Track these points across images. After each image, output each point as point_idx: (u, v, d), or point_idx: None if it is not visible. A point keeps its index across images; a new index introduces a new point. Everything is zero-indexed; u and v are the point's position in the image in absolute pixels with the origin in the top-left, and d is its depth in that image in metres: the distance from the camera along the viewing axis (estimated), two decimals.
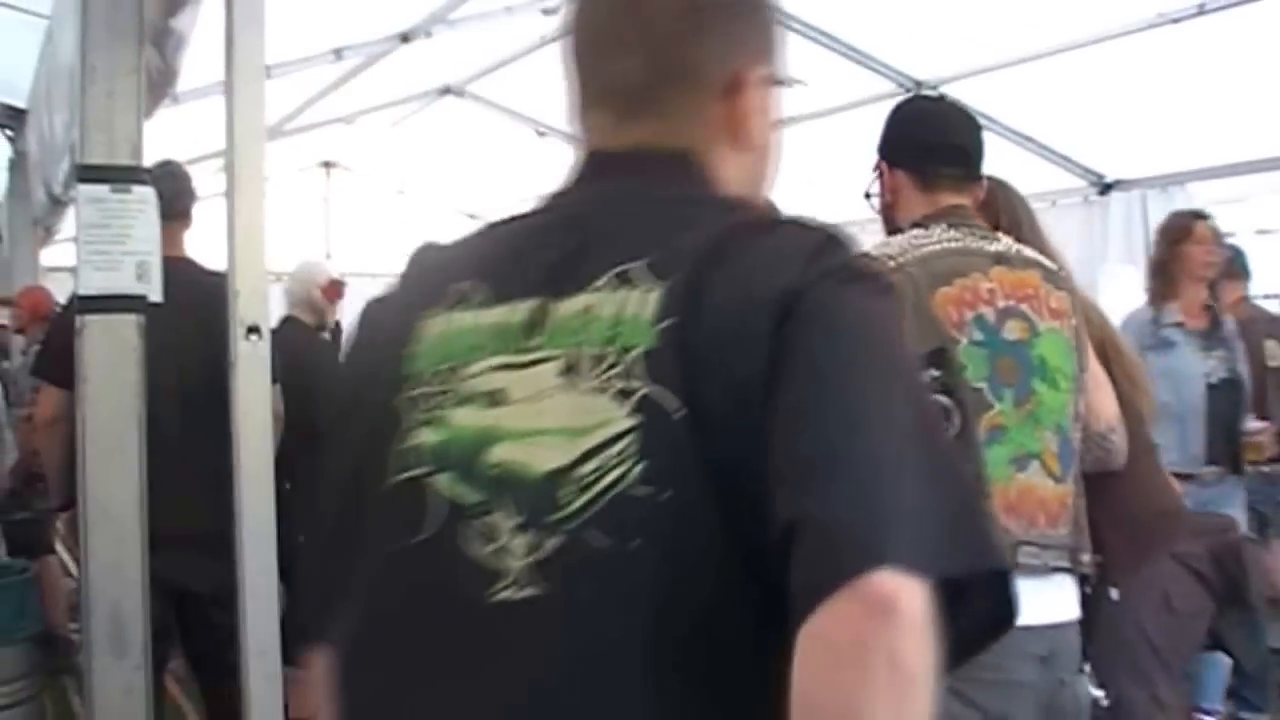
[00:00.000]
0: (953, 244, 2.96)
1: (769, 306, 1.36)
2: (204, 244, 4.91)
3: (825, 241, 1.46)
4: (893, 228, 3.17)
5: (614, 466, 1.36)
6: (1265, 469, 7.08)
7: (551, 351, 1.45)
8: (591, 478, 1.37)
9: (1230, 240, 8.66)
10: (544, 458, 1.40)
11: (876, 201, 3.25)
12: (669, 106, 1.63)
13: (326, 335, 7.37)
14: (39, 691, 4.93)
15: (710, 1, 1.66)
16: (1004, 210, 3.61)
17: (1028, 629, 2.78)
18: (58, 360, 4.42)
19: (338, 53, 8.70)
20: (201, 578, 4.52)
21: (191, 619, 4.74)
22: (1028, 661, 2.80)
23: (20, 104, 8.53)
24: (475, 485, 1.44)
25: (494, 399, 1.46)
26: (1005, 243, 3.07)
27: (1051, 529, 2.88)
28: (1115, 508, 3.18)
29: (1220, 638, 4.04)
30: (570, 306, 1.46)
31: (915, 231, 3.01)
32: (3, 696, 4.64)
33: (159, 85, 4.52)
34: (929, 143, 3.16)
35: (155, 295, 4.06)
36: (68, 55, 4.70)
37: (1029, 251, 3.11)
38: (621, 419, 1.38)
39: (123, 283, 4.01)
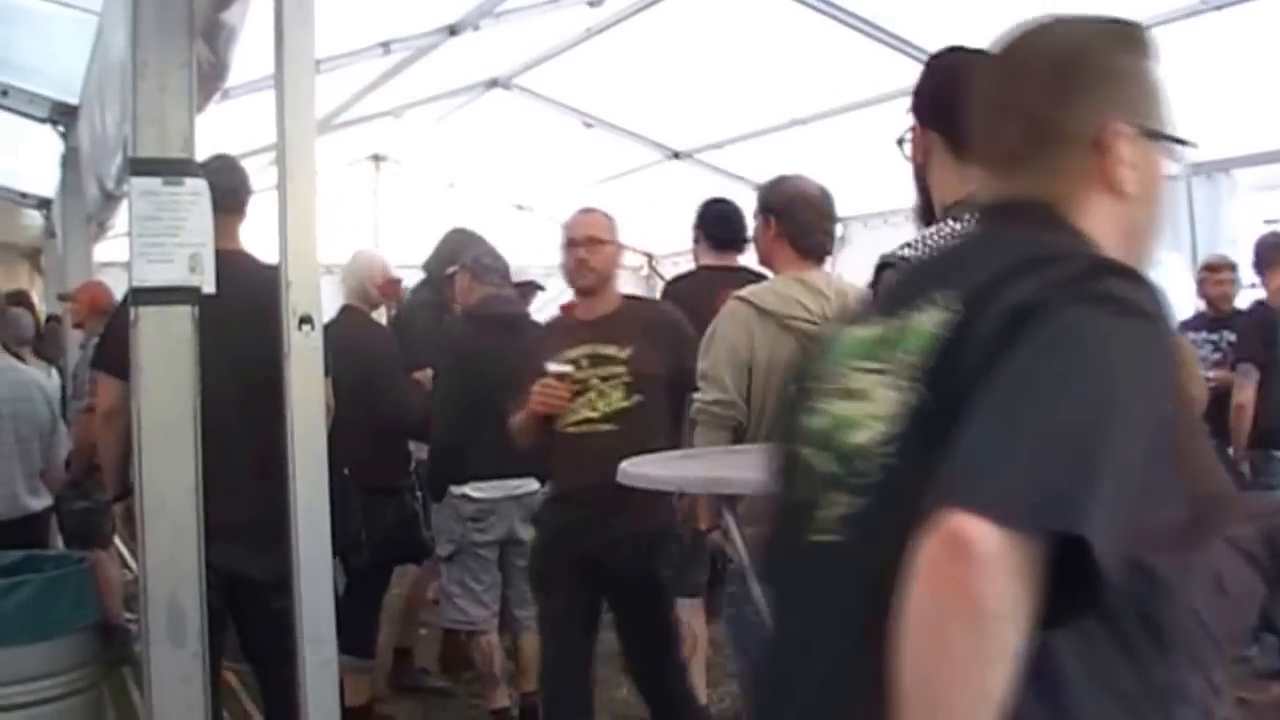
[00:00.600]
0: None
1: (1009, 314, 1.61)
2: (256, 237, 4.95)
3: (1085, 268, 1.69)
4: (923, 190, 3.07)
5: (885, 447, 1.73)
6: None
7: (885, 358, 1.80)
8: (878, 455, 1.74)
9: (1273, 226, 8.64)
10: (861, 437, 1.78)
11: (907, 149, 3.18)
12: (1041, 164, 1.91)
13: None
14: (97, 681, 4.98)
15: (1078, 67, 1.92)
16: None
17: None
18: (116, 352, 4.46)
19: (385, 46, 8.72)
20: (257, 566, 4.57)
21: (248, 607, 4.79)
22: None
23: (72, 100, 8.59)
24: (828, 460, 1.83)
25: (853, 395, 1.83)
26: None
27: None
28: None
29: (1271, 619, 4.02)
30: (900, 322, 1.81)
31: (950, 225, 2.87)
32: (61, 686, 4.69)
33: (210, 79, 4.56)
34: (965, 107, 3.08)
35: (208, 286, 4.10)
36: (119, 51, 4.74)
37: None
38: (896, 411, 1.73)
39: (176, 275, 4.05)
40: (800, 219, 4.58)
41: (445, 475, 6.47)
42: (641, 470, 3.92)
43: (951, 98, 3.08)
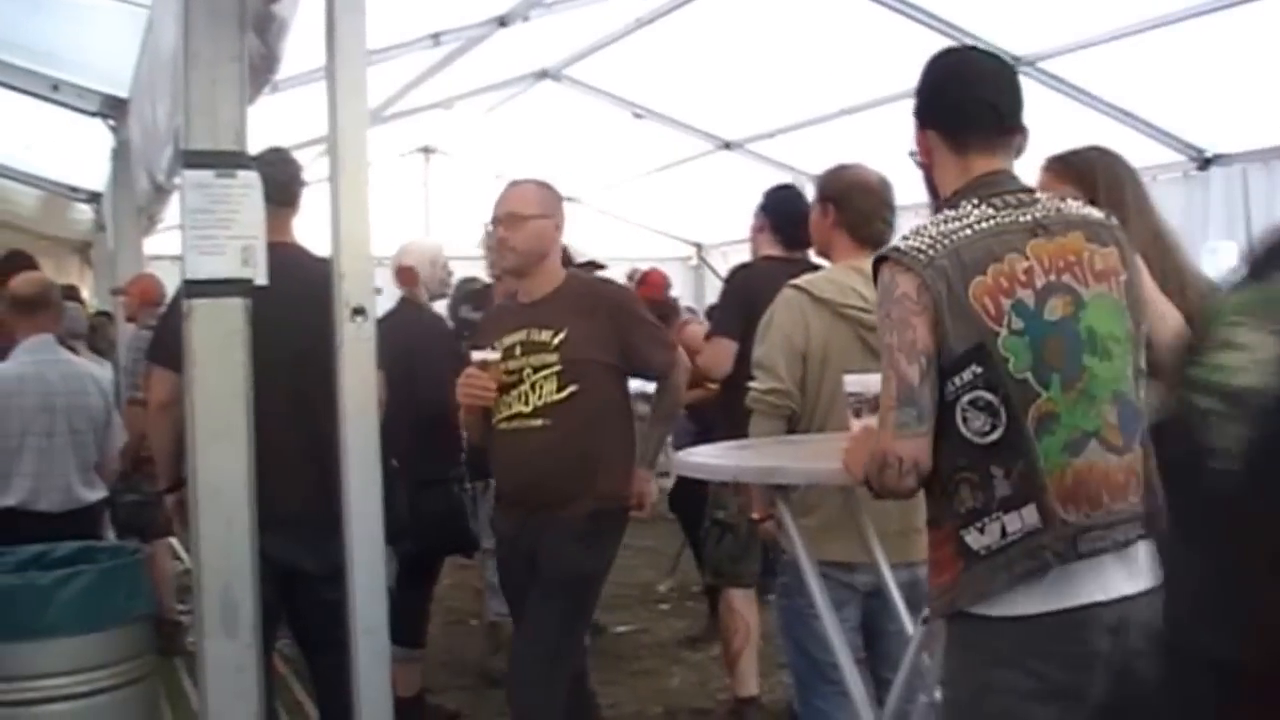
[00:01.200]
0: (985, 224, 2.89)
1: None
2: (308, 230, 4.96)
3: None
4: (934, 193, 3.12)
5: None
6: None
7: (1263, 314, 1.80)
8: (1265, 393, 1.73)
9: None
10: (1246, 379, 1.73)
11: (916, 161, 3.20)
12: None
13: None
14: (151, 672, 5.00)
15: None
16: (1104, 187, 3.56)
17: (1098, 605, 2.81)
18: (170, 344, 4.48)
19: (435, 38, 8.74)
20: (310, 557, 4.58)
21: (301, 597, 4.80)
22: (1099, 634, 2.80)
23: (122, 94, 8.62)
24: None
25: (1237, 346, 1.78)
26: (1044, 206, 2.98)
27: (1122, 502, 2.85)
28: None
29: None
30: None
31: (946, 215, 2.94)
32: (117, 676, 4.71)
33: (261, 71, 4.57)
34: (954, 100, 3.08)
35: (261, 278, 4.11)
36: (169, 43, 4.75)
37: (1073, 208, 3.03)
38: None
39: (228, 267, 4.06)
40: (858, 208, 4.54)
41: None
42: (698, 460, 3.91)
43: (945, 97, 3.13)
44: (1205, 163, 10.16)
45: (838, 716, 4.34)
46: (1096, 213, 3.05)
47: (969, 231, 2.87)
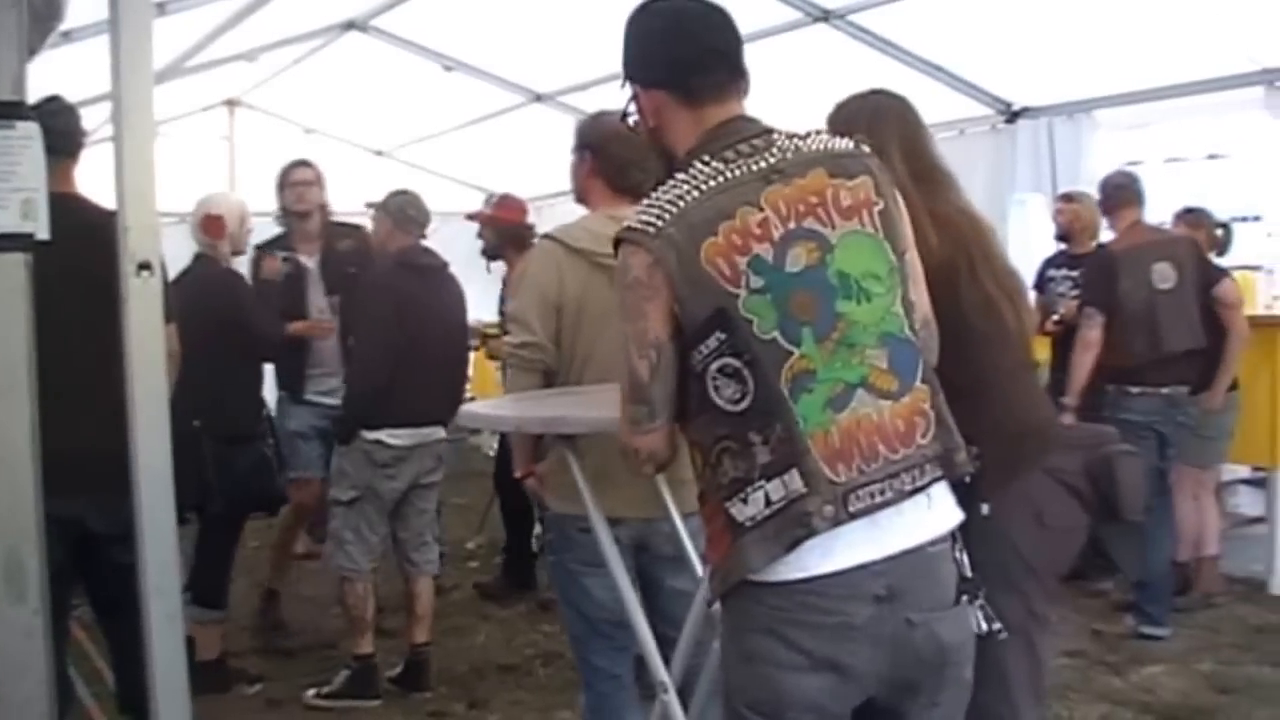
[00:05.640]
0: (715, 181, 2.79)
1: None
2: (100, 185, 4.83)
3: None
4: (668, 155, 3.02)
5: None
6: (1165, 390, 7.24)
7: None
8: None
9: (1136, 167, 8.82)
10: None
11: (635, 125, 3.12)
12: None
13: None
14: None
15: None
16: (866, 127, 3.48)
17: (861, 567, 2.70)
18: None
19: None
20: (101, 518, 4.48)
21: (92, 560, 4.69)
22: (860, 602, 2.71)
23: None
24: None
25: None
26: (779, 147, 2.85)
27: (903, 448, 2.76)
28: (984, 423, 3.11)
29: (1104, 551, 4.04)
30: None
31: (676, 179, 2.84)
32: None
33: (45, 18, 4.40)
34: (683, 55, 2.97)
35: (42, 233, 3.95)
36: None
37: (812, 143, 2.89)
38: None
39: (8, 221, 3.90)
40: (616, 156, 4.46)
41: (359, 419, 6.41)
42: (479, 411, 3.89)
43: (673, 51, 3.03)
44: (1012, 116, 10.36)
45: (616, 672, 4.35)
46: (842, 142, 2.94)
47: (697, 192, 2.78)
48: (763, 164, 2.82)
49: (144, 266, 3.76)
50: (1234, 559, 8.68)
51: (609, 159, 4.47)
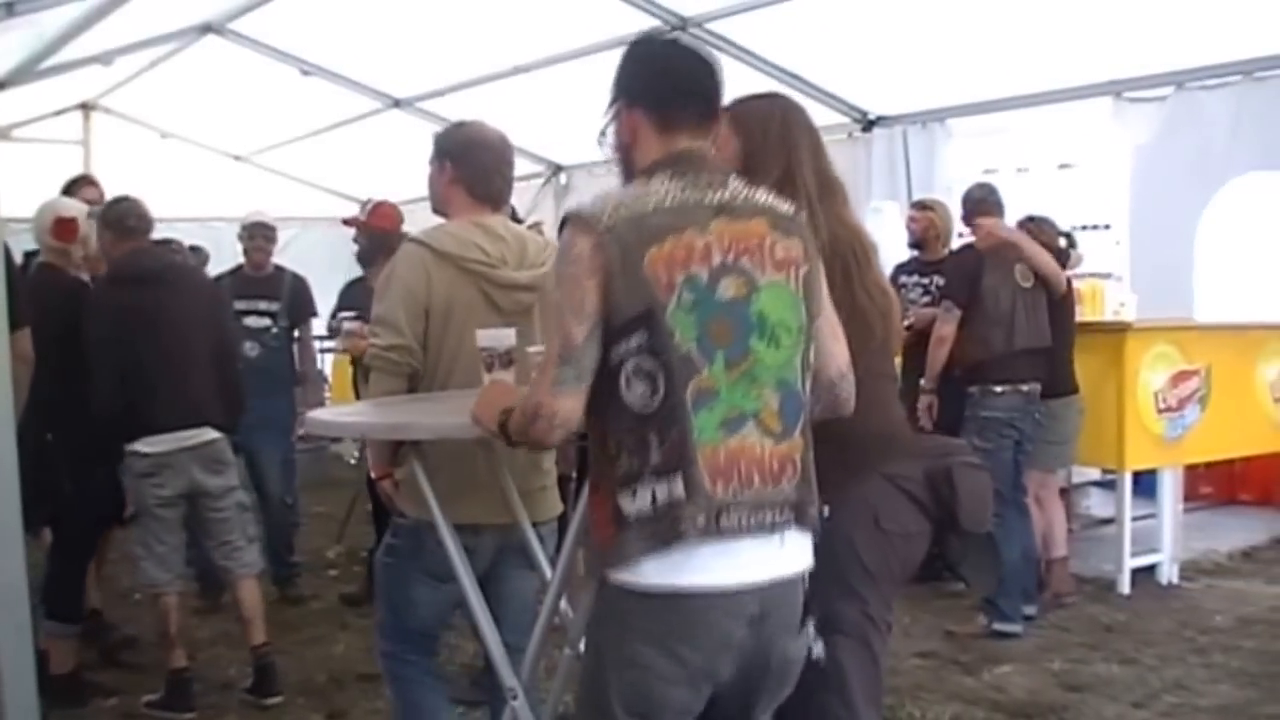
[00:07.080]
0: (671, 197, 2.91)
1: None
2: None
3: None
4: (629, 170, 3.13)
5: None
6: (1025, 388, 7.38)
7: None
8: None
9: (989, 175, 8.94)
10: None
11: (610, 141, 3.20)
12: None
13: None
14: None
15: None
16: (778, 134, 3.62)
17: (741, 589, 2.87)
18: None
19: None
20: None
21: None
22: (739, 621, 2.86)
23: None
24: None
25: None
26: (733, 188, 3.01)
27: (772, 485, 2.90)
28: (829, 426, 3.19)
29: (954, 569, 4.10)
30: None
31: (636, 185, 2.97)
32: None
33: None
34: (674, 87, 3.11)
35: None
36: None
37: (761, 196, 3.06)
38: None
39: None
40: (477, 165, 4.47)
41: (113, 439, 6.25)
42: (326, 418, 3.89)
43: (663, 81, 3.16)
44: (869, 124, 10.48)
45: (419, 692, 4.39)
46: (784, 205, 3.09)
47: (653, 201, 2.89)
48: (716, 198, 2.95)
49: None
50: (1084, 560, 8.80)
51: (469, 166, 4.46)
